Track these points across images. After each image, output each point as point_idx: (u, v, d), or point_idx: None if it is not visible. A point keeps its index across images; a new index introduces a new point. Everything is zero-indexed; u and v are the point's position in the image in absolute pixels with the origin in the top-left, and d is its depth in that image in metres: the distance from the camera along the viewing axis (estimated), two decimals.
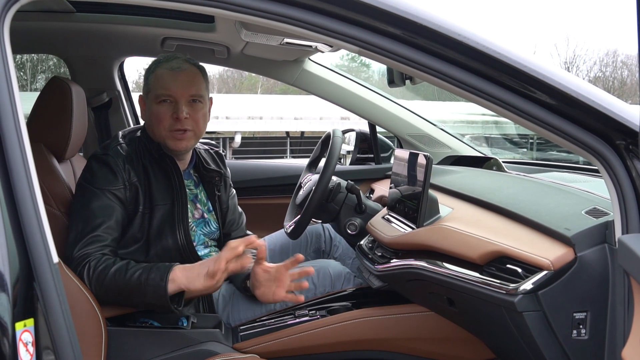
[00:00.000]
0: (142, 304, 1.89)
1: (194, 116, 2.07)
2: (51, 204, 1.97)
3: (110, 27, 2.83)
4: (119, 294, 1.87)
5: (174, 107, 2.05)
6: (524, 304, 1.46)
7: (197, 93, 2.08)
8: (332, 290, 2.31)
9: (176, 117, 2.04)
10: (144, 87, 2.14)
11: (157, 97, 2.06)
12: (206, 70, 2.18)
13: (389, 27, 1.28)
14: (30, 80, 16.27)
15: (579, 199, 1.70)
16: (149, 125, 2.12)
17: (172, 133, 2.06)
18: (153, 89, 2.08)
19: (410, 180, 2.05)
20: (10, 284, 1.07)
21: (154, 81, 2.09)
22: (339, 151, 2.44)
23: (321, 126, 17.25)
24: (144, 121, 2.18)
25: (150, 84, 2.09)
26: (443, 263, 1.78)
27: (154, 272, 1.85)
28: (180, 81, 2.05)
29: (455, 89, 1.34)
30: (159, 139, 2.09)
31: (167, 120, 2.05)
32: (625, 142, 1.30)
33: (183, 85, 2.05)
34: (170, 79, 2.05)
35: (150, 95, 2.09)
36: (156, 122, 2.07)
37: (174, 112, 2.04)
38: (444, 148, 3.22)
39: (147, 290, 1.83)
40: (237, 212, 2.44)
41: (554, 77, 1.30)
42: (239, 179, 3.11)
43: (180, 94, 2.05)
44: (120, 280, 1.85)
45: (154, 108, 2.07)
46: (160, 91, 2.05)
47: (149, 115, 2.11)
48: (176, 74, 2.06)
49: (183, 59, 2.11)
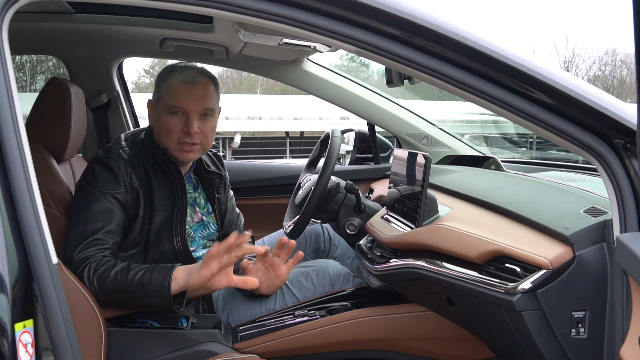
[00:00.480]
0: (144, 304, 1.89)
1: (203, 130, 2.06)
2: (50, 205, 1.97)
3: (109, 27, 2.83)
4: (121, 294, 1.87)
5: (185, 120, 2.04)
6: (523, 303, 1.46)
7: (209, 107, 2.07)
8: (332, 290, 2.31)
9: (187, 131, 2.03)
10: (154, 93, 2.11)
11: (169, 108, 2.04)
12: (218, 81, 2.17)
13: (387, 27, 1.28)
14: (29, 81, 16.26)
15: (577, 198, 1.71)
16: (157, 133, 2.10)
17: (181, 145, 2.05)
18: (165, 98, 2.06)
19: (409, 180, 2.05)
20: (9, 285, 1.07)
21: (166, 90, 2.06)
22: (337, 151, 2.44)
23: (321, 126, 17.27)
24: (151, 126, 2.15)
25: (162, 92, 2.07)
26: (442, 262, 1.78)
27: (156, 272, 1.85)
28: (194, 95, 2.04)
29: (453, 88, 1.34)
30: (167, 148, 2.08)
31: (177, 132, 2.04)
32: (623, 141, 1.30)
33: (196, 99, 2.04)
34: (184, 92, 2.03)
35: (161, 104, 2.07)
36: (166, 132, 2.05)
37: (185, 126, 2.03)
38: (443, 148, 3.22)
39: (150, 290, 1.83)
40: (235, 213, 2.45)
41: (552, 76, 1.31)
42: (238, 179, 3.12)
43: (192, 108, 2.03)
44: (122, 281, 1.84)
45: (164, 118, 2.05)
46: (172, 102, 2.03)
47: (158, 124, 2.09)
48: (190, 88, 2.04)
49: (198, 70, 2.09)
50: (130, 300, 1.89)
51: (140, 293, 1.85)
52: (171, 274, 1.84)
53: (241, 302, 2.23)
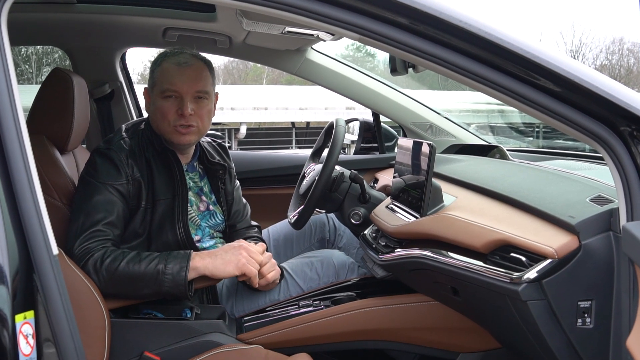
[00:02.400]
0: (156, 293, 1.90)
1: (198, 112, 2.06)
2: (53, 195, 1.97)
3: (111, 17, 2.82)
4: (132, 284, 1.87)
5: (179, 102, 2.04)
6: (528, 292, 1.45)
7: (202, 89, 2.06)
8: (336, 281, 2.31)
9: (181, 114, 2.03)
10: (149, 80, 2.12)
11: (163, 92, 2.05)
12: (213, 65, 2.17)
13: (390, 14, 1.27)
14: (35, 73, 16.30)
15: (583, 187, 1.69)
16: (153, 119, 2.11)
17: (176, 128, 2.05)
18: (159, 83, 2.07)
19: (414, 170, 2.03)
20: (9, 276, 1.07)
21: (159, 75, 2.07)
22: (341, 140, 2.42)
23: (327, 116, 17.25)
24: (148, 114, 2.16)
25: (156, 78, 2.08)
26: (447, 252, 1.77)
27: (171, 261, 1.88)
28: (187, 77, 2.04)
29: (458, 76, 1.32)
30: (163, 133, 2.08)
31: (172, 115, 2.04)
32: (630, 129, 1.29)
33: (189, 81, 2.04)
34: (177, 74, 2.04)
35: (155, 89, 2.08)
36: (160, 116, 2.06)
37: (179, 108, 2.03)
38: (448, 137, 3.21)
39: (165, 279, 1.86)
40: (241, 203, 2.44)
41: (557, 63, 1.29)
42: (242, 170, 3.11)
43: (185, 89, 2.03)
44: (135, 269, 1.86)
45: (159, 102, 2.06)
46: (166, 86, 2.04)
47: (153, 109, 2.09)
48: (183, 70, 2.04)
49: (190, 53, 2.09)
50: (141, 289, 1.89)
51: (154, 282, 1.86)
52: (188, 263, 1.88)
53: (245, 293, 2.23)
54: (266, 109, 18.24)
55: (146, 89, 2.15)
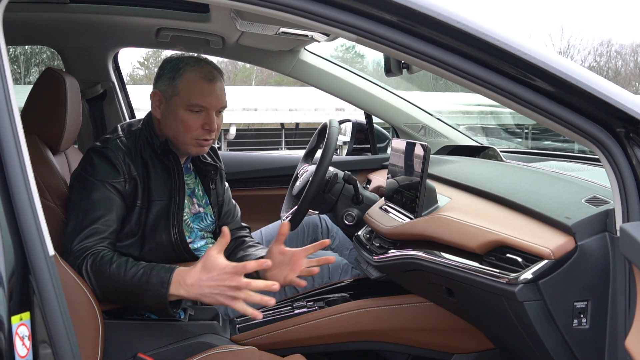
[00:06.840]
0: (141, 306, 1.87)
1: (218, 125, 2.06)
2: (46, 196, 1.95)
3: (104, 17, 2.80)
4: (116, 293, 1.83)
5: (204, 117, 2.01)
6: (525, 293, 1.45)
7: (225, 104, 2.06)
8: (330, 282, 2.31)
9: (207, 129, 2.01)
10: (167, 85, 2.03)
11: (190, 106, 2.00)
12: None
13: (387, 14, 1.27)
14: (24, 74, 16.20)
15: (578, 188, 1.70)
16: (171, 128, 2.05)
17: (198, 141, 2.03)
18: (184, 94, 2.00)
19: (407, 171, 2.04)
20: (5, 277, 1.05)
21: (184, 86, 2.01)
22: (335, 141, 2.42)
23: (316, 118, 17.24)
24: (156, 117, 2.08)
25: (180, 87, 2.01)
26: (442, 253, 1.77)
27: (154, 276, 1.77)
28: (216, 94, 2.02)
29: (454, 76, 1.32)
30: (181, 143, 2.04)
31: (197, 129, 2.01)
32: (626, 130, 1.29)
33: (217, 98, 2.02)
34: (207, 90, 2.00)
35: (177, 99, 2.01)
36: (184, 129, 2.01)
37: (205, 123, 2.01)
38: (440, 138, 3.21)
39: (147, 295, 1.76)
40: (231, 204, 2.43)
41: (553, 64, 1.29)
42: (234, 170, 3.11)
43: (214, 106, 2.02)
44: (119, 280, 1.79)
45: (183, 114, 2.01)
46: (195, 101, 1.99)
47: (172, 119, 2.03)
48: (212, 86, 2.01)
49: (212, 66, 2.06)
50: (126, 299, 1.85)
51: (137, 295, 1.78)
52: (170, 279, 1.75)
53: None
54: (255, 110, 18.21)
55: (157, 92, 2.06)
